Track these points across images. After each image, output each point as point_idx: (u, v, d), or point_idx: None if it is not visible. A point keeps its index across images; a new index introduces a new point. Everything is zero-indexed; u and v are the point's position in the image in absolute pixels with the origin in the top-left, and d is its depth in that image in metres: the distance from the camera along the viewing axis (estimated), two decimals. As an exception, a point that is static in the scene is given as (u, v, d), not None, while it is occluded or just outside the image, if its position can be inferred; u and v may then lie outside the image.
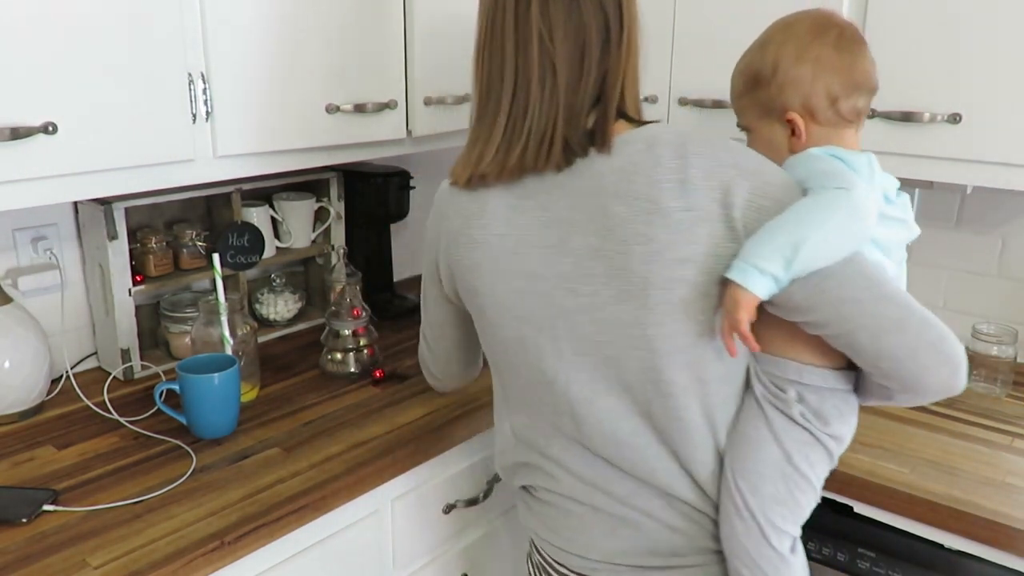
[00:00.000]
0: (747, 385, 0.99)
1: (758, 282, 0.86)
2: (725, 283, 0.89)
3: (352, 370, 1.51)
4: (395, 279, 1.93)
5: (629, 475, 0.99)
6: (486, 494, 1.44)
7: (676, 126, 0.94)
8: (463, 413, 1.38)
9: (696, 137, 0.91)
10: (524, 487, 1.11)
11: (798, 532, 0.99)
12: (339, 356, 1.51)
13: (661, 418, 0.95)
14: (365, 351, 1.52)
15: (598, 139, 0.93)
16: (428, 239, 1.09)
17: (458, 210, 1.02)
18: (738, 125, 1.09)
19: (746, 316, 0.87)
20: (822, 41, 1.00)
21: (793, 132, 1.02)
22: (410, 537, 1.34)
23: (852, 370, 0.97)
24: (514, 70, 0.93)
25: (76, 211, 1.46)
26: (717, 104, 1.56)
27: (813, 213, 0.87)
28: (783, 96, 1.01)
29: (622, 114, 0.96)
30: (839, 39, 1.00)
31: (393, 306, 1.83)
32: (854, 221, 0.88)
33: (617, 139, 0.93)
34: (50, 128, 1.04)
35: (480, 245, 0.99)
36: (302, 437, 1.29)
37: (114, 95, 1.10)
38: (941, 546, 1.21)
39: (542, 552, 1.10)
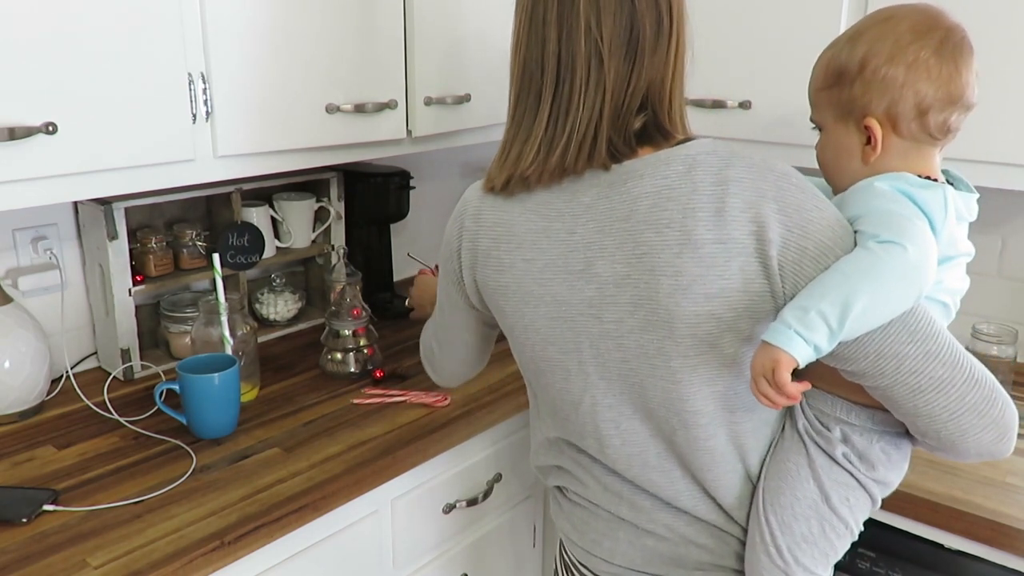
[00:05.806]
0: (786, 412, 0.95)
1: (800, 349, 0.78)
2: (762, 343, 0.81)
3: (352, 370, 1.51)
4: (395, 279, 1.93)
5: (653, 495, 0.97)
6: (486, 494, 1.44)
7: (721, 144, 0.86)
8: (463, 413, 1.37)
9: (740, 161, 0.83)
10: (557, 487, 1.09)
11: (828, 573, 0.94)
12: (339, 356, 1.51)
13: (684, 446, 0.92)
14: (365, 351, 1.52)
15: (656, 136, 0.88)
16: (448, 245, 1.02)
17: (485, 228, 0.96)
18: (811, 119, 0.99)
19: (786, 378, 0.79)
20: (923, 43, 0.88)
21: (869, 140, 0.92)
22: (410, 537, 1.34)
23: None
24: (556, 62, 0.86)
25: (76, 211, 1.46)
26: (717, 104, 1.56)
27: (864, 276, 0.77)
28: (866, 98, 0.90)
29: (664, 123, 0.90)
30: (943, 44, 0.88)
31: (393, 306, 1.83)
32: (910, 285, 0.79)
33: (658, 155, 0.87)
34: (50, 128, 1.03)
35: (508, 269, 0.95)
36: (302, 437, 1.29)
37: (114, 95, 1.10)
38: (941, 546, 1.21)
39: (569, 552, 1.10)
